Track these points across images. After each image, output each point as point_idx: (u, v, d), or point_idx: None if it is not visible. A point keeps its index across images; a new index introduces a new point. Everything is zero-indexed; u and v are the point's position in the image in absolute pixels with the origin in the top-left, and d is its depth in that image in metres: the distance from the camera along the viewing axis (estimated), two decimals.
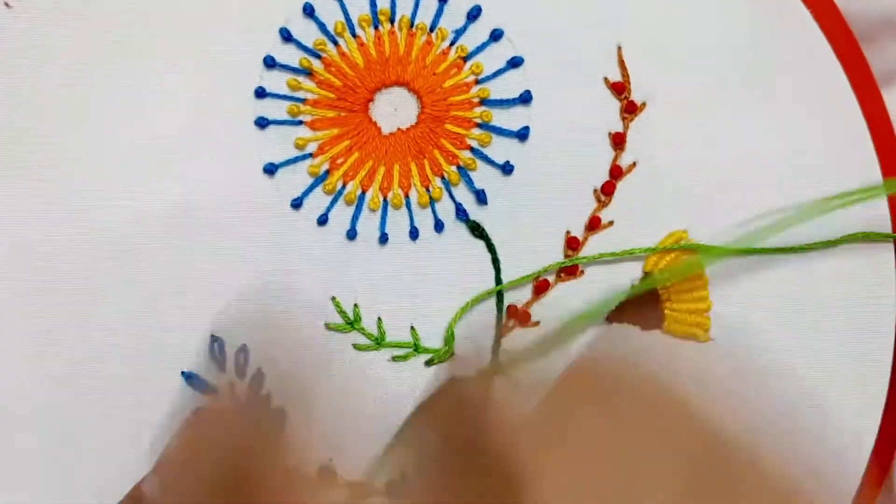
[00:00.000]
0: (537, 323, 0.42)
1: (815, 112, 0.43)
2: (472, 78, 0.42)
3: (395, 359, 0.42)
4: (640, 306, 0.43)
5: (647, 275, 0.43)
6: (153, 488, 0.38)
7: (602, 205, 0.43)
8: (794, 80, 0.43)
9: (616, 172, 0.43)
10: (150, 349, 0.41)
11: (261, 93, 0.41)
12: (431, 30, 0.42)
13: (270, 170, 0.41)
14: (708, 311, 0.43)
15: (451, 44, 0.42)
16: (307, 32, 0.42)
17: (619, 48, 0.43)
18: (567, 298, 0.42)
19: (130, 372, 0.41)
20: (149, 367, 0.41)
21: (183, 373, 0.41)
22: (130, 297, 0.41)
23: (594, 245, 0.42)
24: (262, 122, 0.41)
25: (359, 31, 0.42)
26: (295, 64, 0.42)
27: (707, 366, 0.43)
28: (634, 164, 0.43)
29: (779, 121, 0.43)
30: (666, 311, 0.43)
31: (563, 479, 0.39)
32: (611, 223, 0.43)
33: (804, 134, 0.43)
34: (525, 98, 0.42)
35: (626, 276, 0.43)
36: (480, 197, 0.42)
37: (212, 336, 0.41)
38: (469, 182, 0.42)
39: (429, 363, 0.42)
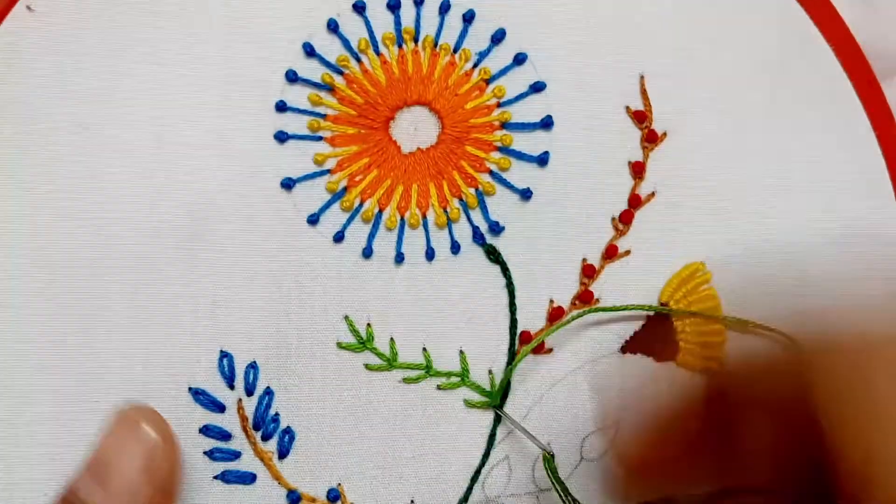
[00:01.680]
0: (550, 350, 0.42)
1: (833, 145, 0.43)
2: (493, 101, 0.42)
3: (406, 381, 0.41)
4: (655, 337, 0.42)
5: (663, 305, 0.42)
6: (87, 488, 0.37)
7: (620, 233, 0.42)
8: (815, 115, 0.43)
9: (635, 202, 0.42)
10: (157, 364, 0.40)
11: (281, 107, 0.41)
12: (455, 51, 0.42)
13: (288, 184, 0.41)
14: (724, 344, 0.43)
15: (475, 66, 0.42)
16: (330, 48, 0.41)
17: (642, 77, 0.43)
18: (581, 327, 0.42)
19: (136, 387, 0.40)
20: (156, 383, 0.40)
21: (190, 389, 0.40)
22: (140, 309, 0.40)
23: (610, 273, 0.42)
24: (281, 137, 0.41)
25: (382, 48, 0.41)
26: (317, 79, 0.41)
27: None
28: (653, 193, 0.42)
29: (799, 154, 0.43)
30: (681, 344, 0.42)
31: None
32: (627, 252, 0.42)
33: (824, 167, 0.43)
34: (546, 123, 0.42)
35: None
36: (495, 228, 0.41)
37: (221, 352, 0.40)
38: (485, 211, 0.42)
39: (440, 387, 0.41)
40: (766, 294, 0.43)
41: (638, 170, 0.42)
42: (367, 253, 0.41)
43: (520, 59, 0.42)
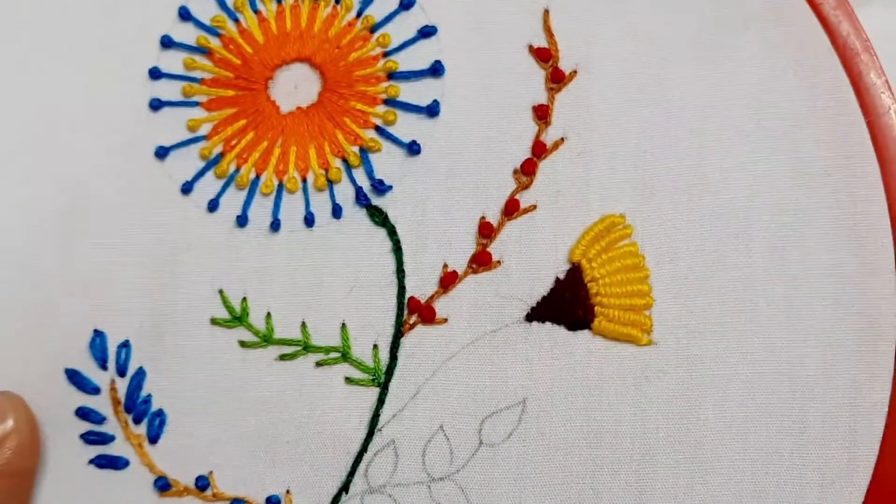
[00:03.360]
0: (445, 320, 0.37)
1: (783, 73, 0.37)
2: (378, 50, 0.38)
3: (282, 358, 0.37)
4: (566, 302, 0.36)
5: (574, 266, 0.37)
6: None
7: (522, 186, 0.37)
8: (758, 37, 0.37)
9: (539, 150, 0.37)
10: (33, 344, 0.38)
11: (155, 73, 0.39)
12: (337, 1, 0.39)
13: (161, 153, 0.39)
14: (648, 308, 0.36)
15: (358, 15, 0.39)
16: (207, 10, 0.39)
17: (547, 11, 0.38)
18: (479, 292, 0.37)
19: (12, 369, 0.38)
20: (32, 365, 0.38)
21: (66, 370, 0.38)
22: (14, 291, 0.39)
23: (512, 232, 0.37)
24: (155, 104, 0.39)
25: (260, 5, 0.39)
26: (192, 42, 0.39)
27: (647, 375, 0.36)
28: (562, 139, 0.37)
29: (740, 85, 0.37)
30: (596, 308, 0.36)
31: None
32: (533, 207, 0.37)
33: (771, 99, 0.37)
34: (435, 69, 0.38)
35: (550, 267, 0.37)
36: (379, 186, 0.38)
37: (94, 331, 0.38)
38: (369, 170, 0.38)
39: (319, 364, 0.37)
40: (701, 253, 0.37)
41: (542, 114, 0.37)
42: (242, 221, 0.38)
43: (406, 4, 0.38)
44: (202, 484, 0.37)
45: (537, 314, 0.37)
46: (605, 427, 0.36)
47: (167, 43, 0.39)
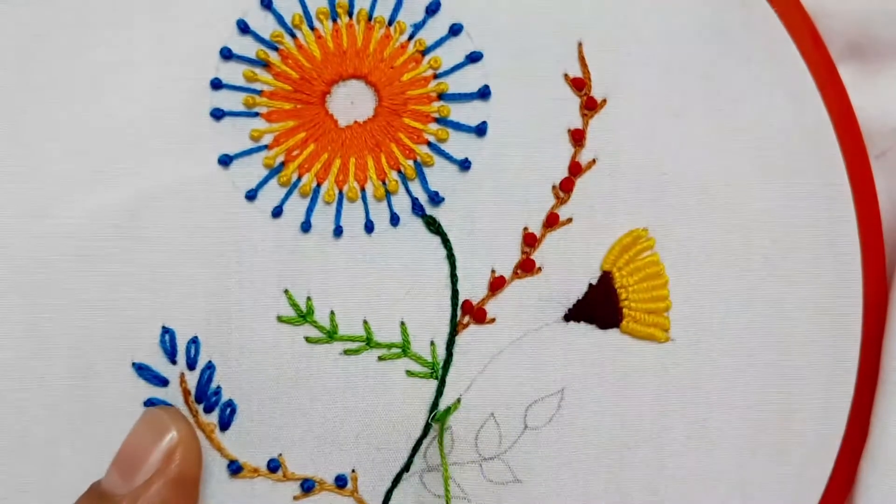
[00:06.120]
0: (493, 320, 0.42)
1: (778, 107, 0.43)
2: (430, 72, 0.42)
3: (346, 352, 0.41)
4: (598, 305, 0.42)
5: (605, 273, 0.42)
6: (113, 483, 0.38)
7: (560, 201, 0.42)
8: (758, 75, 0.43)
9: (575, 169, 0.42)
10: (101, 340, 0.40)
11: (217, 84, 0.41)
12: (390, 23, 0.42)
13: (225, 161, 0.41)
14: (667, 310, 0.42)
15: (410, 38, 0.42)
16: (265, 24, 0.42)
17: (580, 44, 0.42)
18: (523, 295, 0.42)
19: (80, 363, 0.40)
20: (100, 359, 0.41)
21: (134, 364, 0.41)
22: (81, 289, 0.41)
23: (552, 242, 0.42)
24: (217, 114, 0.41)
25: (316, 23, 0.42)
26: (252, 55, 0.41)
27: (665, 367, 0.42)
28: (594, 160, 0.42)
29: (742, 116, 0.43)
30: (624, 311, 0.42)
31: None
32: (569, 220, 0.42)
33: (767, 130, 0.43)
34: (483, 93, 0.42)
35: (584, 274, 0.42)
36: (434, 198, 0.42)
37: (163, 327, 0.41)
38: (424, 182, 0.42)
39: (381, 358, 0.41)
40: (709, 262, 0.43)
41: (578, 137, 0.42)
42: (306, 227, 0.41)
43: (455, 30, 0.42)
44: (273, 465, 0.41)
45: (573, 315, 0.42)
46: (630, 411, 0.42)
47: (227, 55, 0.41)
